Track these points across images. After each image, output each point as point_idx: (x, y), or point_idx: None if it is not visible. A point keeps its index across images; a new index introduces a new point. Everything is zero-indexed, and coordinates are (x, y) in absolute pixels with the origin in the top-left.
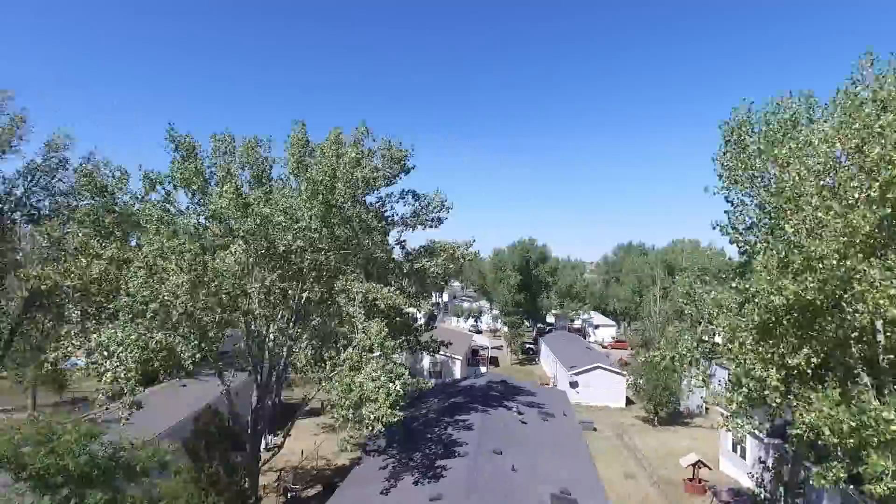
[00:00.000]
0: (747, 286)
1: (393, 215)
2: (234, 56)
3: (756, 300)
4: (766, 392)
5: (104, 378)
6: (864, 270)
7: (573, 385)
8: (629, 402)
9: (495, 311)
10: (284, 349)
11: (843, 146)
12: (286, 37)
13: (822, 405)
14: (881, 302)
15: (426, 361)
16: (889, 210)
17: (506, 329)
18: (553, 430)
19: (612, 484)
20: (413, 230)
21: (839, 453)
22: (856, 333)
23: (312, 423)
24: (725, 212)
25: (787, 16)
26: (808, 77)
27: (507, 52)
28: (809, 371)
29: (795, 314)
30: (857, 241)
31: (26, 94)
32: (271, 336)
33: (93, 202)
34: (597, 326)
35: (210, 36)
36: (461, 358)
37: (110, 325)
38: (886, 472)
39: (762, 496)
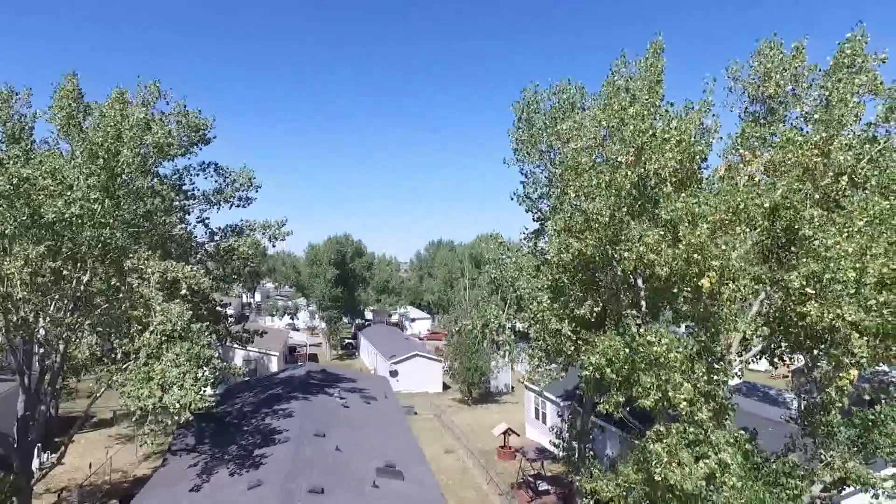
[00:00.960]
0: (541, 248)
1: (193, 190)
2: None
3: (548, 259)
4: (562, 342)
5: None
6: (629, 222)
7: (393, 374)
8: (446, 387)
9: (312, 307)
10: (60, 343)
11: (607, 124)
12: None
13: (603, 343)
14: (641, 250)
15: (238, 359)
16: (643, 170)
17: (324, 325)
18: (376, 411)
19: (434, 459)
20: (218, 208)
21: (617, 385)
22: (624, 285)
23: (103, 436)
24: (521, 182)
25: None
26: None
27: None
28: (593, 319)
29: (580, 272)
30: (623, 198)
31: None
32: (41, 329)
33: None
34: (413, 320)
35: None
36: (277, 354)
37: None
38: (651, 386)
39: (561, 446)
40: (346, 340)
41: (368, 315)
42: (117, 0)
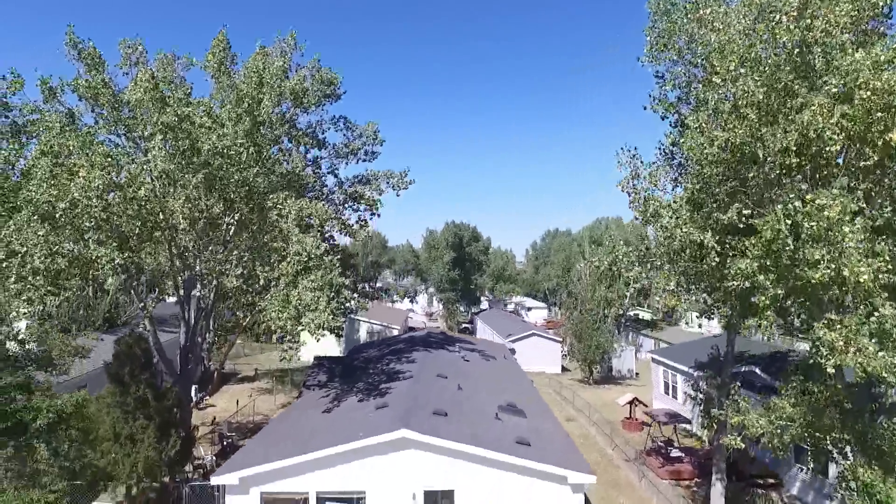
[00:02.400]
0: (683, 140)
1: (325, 140)
2: None
3: (687, 169)
4: (705, 255)
5: (7, 284)
6: (788, 95)
7: (511, 353)
8: (564, 370)
9: (431, 290)
10: (213, 278)
11: None
12: None
13: (754, 246)
14: (807, 119)
15: (363, 330)
16: (807, 25)
17: (441, 308)
18: (496, 366)
19: None
20: (346, 162)
21: (769, 287)
22: (782, 172)
23: (247, 388)
24: (657, 83)
25: None
26: None
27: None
28: (741, 225)
29: (726, 170)
30: (780, 68)
31: None
32: (198, 264)
33: None
34: (529, 309)
35: None
36: (399, 328)
37: (10, 224)
38: (821, 259)
39: (699, 399)
40: (463, 325)
41: (484, 304)
42: None
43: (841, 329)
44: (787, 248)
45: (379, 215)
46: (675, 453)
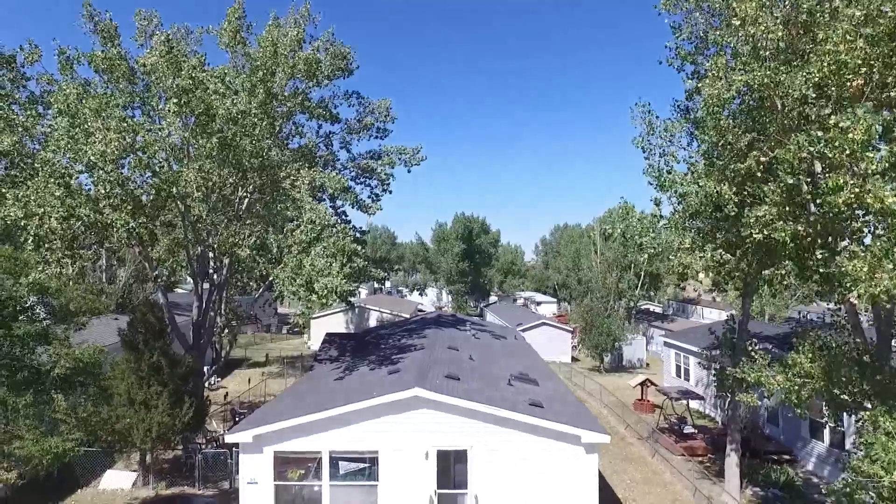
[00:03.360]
0: (700, 85)
1: (337, 113)
2: None
3: (709, 101)
4: (722, 204)
5: (25, 245)
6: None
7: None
8: (574, 360)
9: (441, 283)
10: (227, 248)
11: None
12: None
13: (773, 192)
14: (838, 34)
15: (373, 319)
16: None
17: (450, 300)
18: (507, 344)
19: None
20: (358, 138)
21: (787, 229)
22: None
23: (258, 372)
24: (673, 34)
25: None
26: None
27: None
28: (759, 173)
29: (745, 117)
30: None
31: None
32: (209, 231)
33: None
34: (539, 304)
35: None
36: (408, 316)
37: (28, 185)
38: (843, 184)
39: (713, 368)
40: (473, 317)
41: (493, 300)
42: None
43: (865, 256)
44: (807, 183)
45: (391, 191)
46: (688, 430)
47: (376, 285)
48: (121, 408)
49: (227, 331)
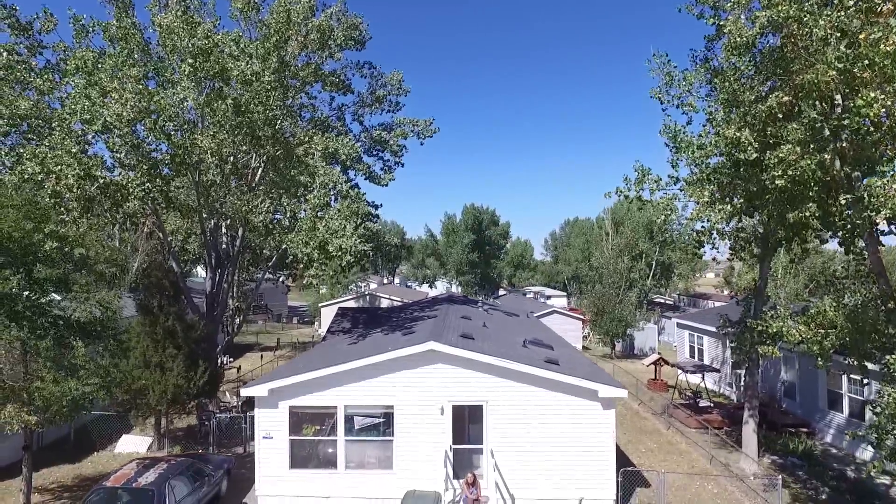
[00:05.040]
0: (721, 24)
1: (350, 83)
2: None
3: (731, 39)
4: (743, 150)
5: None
6: None
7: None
8: (585, 349)
9: (450, 275)
10: (240, 217)
11: None
12: None
13: (795, 130)
14: None
15: (384, 305)
16: None
17: (459, 291)
18: (520, 320)
19: None
20: (370, 111)
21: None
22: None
23: (270, 355)
24: None
25: None
26: None
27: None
28: (781, 114)
29: (768, 55)
30: None
31: None
32: (222, 201)
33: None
34: (548, 297)
35: None
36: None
37: (45, 142)
38: (874, 99)
39: (731, 335)
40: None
41: (502, 292)
42: None
43: (893, 174)
44: (830, 114)
45: (402, 164)
46: (703, 403)
47: (385, 280)
48: (136, 370)
49: (237, 311)
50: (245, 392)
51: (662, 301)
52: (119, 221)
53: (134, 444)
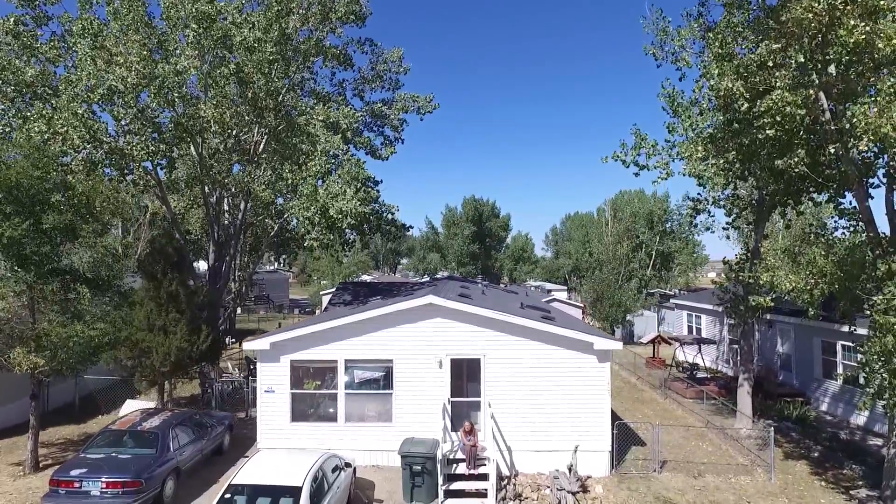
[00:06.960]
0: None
1: (351, 57)
2: None
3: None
4: (735, 101)
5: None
6: None
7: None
8: None
9: (451, 266)
10: (243, 189)
11: None
12: None
13: (784, 78)
14: None
15: None
16: None
17: None
18: (518, 296)
19: None
20: (371, 87)
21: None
22: None
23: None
24: None
25: None
26: None
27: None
28: (771, 63)
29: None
30: None
31: None
32: (226, 175)
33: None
34: (549, 291)
35: None
36: None
37: (52, 102)
38: (854, 29)
39: (727, 297)
40: None
41: (502, 286)
42: None
43: (875, 100)
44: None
45: (402, 140)
46: (700, 375)
47: (386, 275)
48: (140, 332)
49: (238, 295)
50: (248, 346)
51: (663, 292)
52: (124, 184)
53: (137, 408)
